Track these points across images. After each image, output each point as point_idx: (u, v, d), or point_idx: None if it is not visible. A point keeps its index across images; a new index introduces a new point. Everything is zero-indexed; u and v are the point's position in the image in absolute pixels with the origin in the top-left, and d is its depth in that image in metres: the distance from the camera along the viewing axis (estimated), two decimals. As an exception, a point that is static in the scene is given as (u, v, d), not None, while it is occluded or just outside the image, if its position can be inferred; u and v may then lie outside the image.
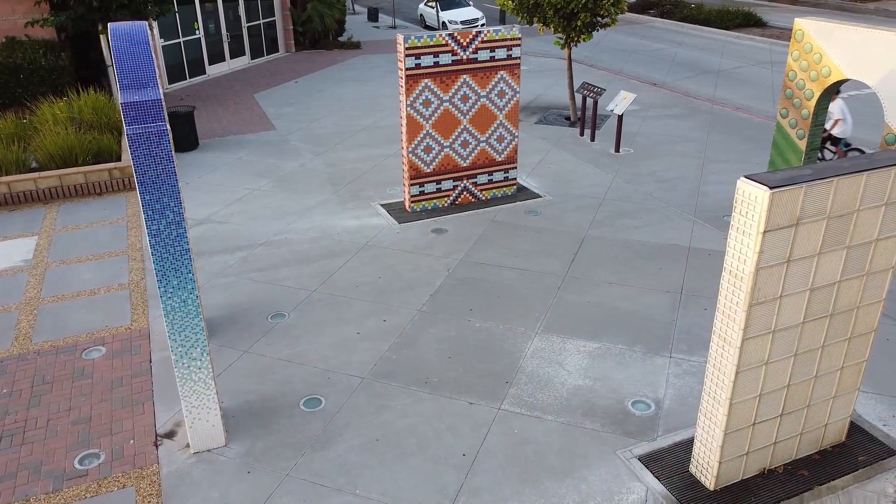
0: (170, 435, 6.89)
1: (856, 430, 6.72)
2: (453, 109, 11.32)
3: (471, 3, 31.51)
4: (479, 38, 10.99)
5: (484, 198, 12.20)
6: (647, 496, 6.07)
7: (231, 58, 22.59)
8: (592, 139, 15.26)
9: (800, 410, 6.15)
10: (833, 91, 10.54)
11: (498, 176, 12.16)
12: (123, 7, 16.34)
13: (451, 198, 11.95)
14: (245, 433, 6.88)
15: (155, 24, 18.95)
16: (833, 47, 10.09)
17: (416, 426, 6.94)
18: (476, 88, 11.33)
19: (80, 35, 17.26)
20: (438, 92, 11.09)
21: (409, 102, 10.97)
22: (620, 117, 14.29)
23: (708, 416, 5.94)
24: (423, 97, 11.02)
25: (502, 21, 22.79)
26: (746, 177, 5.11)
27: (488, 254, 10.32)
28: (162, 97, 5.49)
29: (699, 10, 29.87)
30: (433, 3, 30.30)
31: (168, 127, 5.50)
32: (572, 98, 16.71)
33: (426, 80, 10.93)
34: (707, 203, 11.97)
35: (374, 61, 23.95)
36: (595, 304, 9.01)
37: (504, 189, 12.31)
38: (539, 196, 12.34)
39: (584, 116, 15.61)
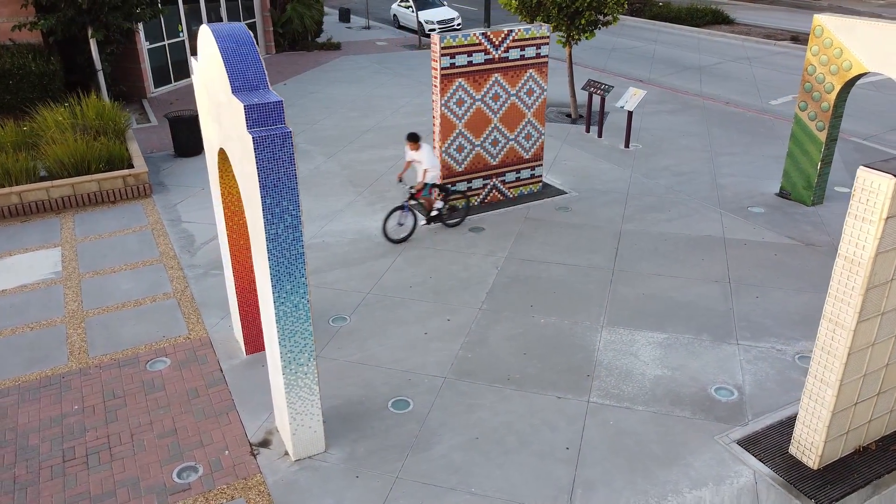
0: (264, 444, 6.76)
1: (932, 405, 7.05)
2: (485, 108, 11.37)
3: (445, 2, 31.57)
4: (511, 37, 11.06)
5: (511, 195, 12.29)
6: (756, 478, 6.25)
7: (214, 60, 22.10)
8: (600, 135, 15.50)
9: (892, 389, 6.42)
10: (852, 84, 10.99)
11: (525, 173, 12.27)
12: (116, 9, 15.86)
13: (481, 196, 11.99)
14: (341, 438, 6.80)
15: (140, 26, 18.43)
16: (854, 42, 10.51)
17: (512, 423, 6.97)
18: (506, 87, 11.40)
19: (68, 39, 16.64)
20: (471, 91, 11.12)
21: (443, 102, 10.97)
22: (630, 114, 14.57)
23: (813, 398, 6.15)
24: (457, 97, 11.04)
25: (487, 21, 22.93)
26: (866, 166, 5.32)
27: (532, 250, 10.41)
28: (282, 99, 5.39)
29: (667, 7, 30.59)
30: (408, 4, 30.23)
31: (291, 130, 5.40)
32: (573, 96, 16.93)
33: (460, 80, 10.94)
34: (727, 195, 12.31)
35: (358, 62, 23.78)
36: (650, 296, 9.19)
37: (530, 186, 12.42)
38: (564, 192, 12.49)
39: (591, 113, 15.84)
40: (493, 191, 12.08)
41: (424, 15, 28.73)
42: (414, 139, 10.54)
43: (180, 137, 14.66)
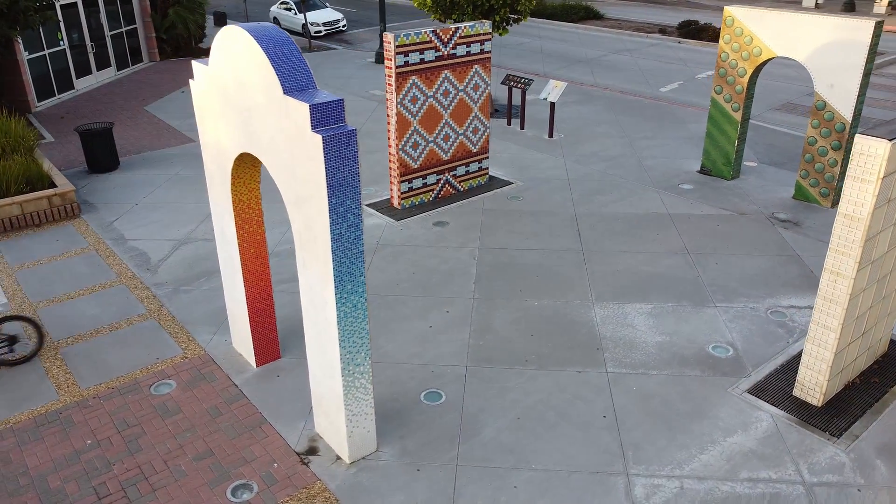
0: (312, 451, 6.63)
1: (891, 343, 8.12)
2: (437, 105, 11.57)
3: (327, 4, 31.22)
4: (458, 34, 11.33)
5: (462, 189, 12.57)
6: (775, 420, 6.95)
7: (97, 69, 20.62)
8: (522, 127, 16.13)
9: (870, 329, 7.36)
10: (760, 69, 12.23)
11: (474, 167, 12.59)
12: (1, 16, 14.50)
13: (436, 192, 12.19)
14: (388, 435, 6.80)
15: (19, 36, 16.87)
16: (764, 30, 11.72)
17: (546, 400, 7.28)
18: (455, 83, 11.67)
19: (-60, 50, 15.00)
20: (424, 88, 11.28)
21: (398, 100, 11.05)
22: (553, 105, 15.29)
23: (817, 343, 6.93)
24: (411, 94, 11.16)
25: (382, 22, 22.96)
26: (862, 133, 6.10)
27: (501, 239, 10.75)
28: (343, 98, 5.35)
29: (542, 4, 32.04)
30: (289, 6, 29.63)
31: (355, 128, 5.37)
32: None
33: (413, 77, 11.07)
34: (657, 175, 13.29)
35: (252, 66, 23.03)
36: (624, 271, 9.82)
37: (479, 179, 12.76)
38: (510, 182, 12.94)
39: (511, 106, 16.44)
40: (446, 185, 12.31)
41: (310, 17, 28.29)
42: None
43: (93, 152, 13.66)
